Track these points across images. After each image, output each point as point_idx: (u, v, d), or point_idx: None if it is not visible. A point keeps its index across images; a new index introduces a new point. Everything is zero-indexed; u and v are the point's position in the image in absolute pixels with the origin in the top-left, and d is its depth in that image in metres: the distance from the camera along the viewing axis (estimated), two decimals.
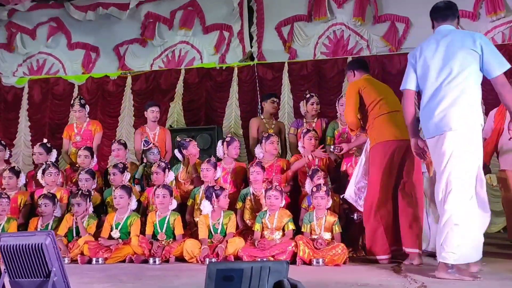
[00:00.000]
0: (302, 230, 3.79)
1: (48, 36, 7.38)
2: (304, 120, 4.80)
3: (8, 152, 5.16)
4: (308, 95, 4.75)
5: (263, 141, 4.40)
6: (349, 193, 3.72)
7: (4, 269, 2.20)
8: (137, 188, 4.61)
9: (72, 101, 5.41)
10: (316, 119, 4.73)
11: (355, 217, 3.98)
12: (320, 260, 3.44)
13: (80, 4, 7.12)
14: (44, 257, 2.17)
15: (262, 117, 4.97)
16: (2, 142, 5.05)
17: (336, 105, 4.61)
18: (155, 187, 4.21)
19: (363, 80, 3.71)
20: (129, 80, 7.06)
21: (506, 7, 5.66)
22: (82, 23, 7.20)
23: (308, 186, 4.00)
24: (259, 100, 6.21)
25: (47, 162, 4.57)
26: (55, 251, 2.20)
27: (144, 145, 4.77)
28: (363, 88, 3.61)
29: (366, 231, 3.56)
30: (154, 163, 4.44)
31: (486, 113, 5.67)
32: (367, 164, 3.65)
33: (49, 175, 4.46)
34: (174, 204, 4.07)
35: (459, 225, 2.71)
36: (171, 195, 4.04)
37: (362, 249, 3.91)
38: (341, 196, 3.85)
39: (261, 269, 0.92)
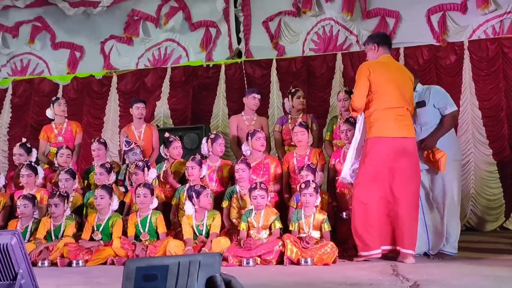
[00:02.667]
0: (290, 228, 3.66)
1: (32, 36, 7.21)
2: (289, 116, 4.67)
3: None
4: (293, 90, 4.63)
5: (249, 137, 4.26)
6: (345, 175, 3.60)
7: None
8: (121, 189, 4.47)
9: (54, 98, 5.29)
10: (301, 114, 4.61)
11: (344, 215, 3.86)
12: (309, 260, 3.31)
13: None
14: (10, 258, 2.02)
15: (242, 114, 4.81)
16: None
17: (336, 99, 4.50)
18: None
19: (376, 63, 3.49)
20: (114, 80, 6.92)
21: (494, 1, 5.60)
22: (67, 22, 7.05)
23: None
24: None
25: (23, 163, 4.43)
26: (22, 252, 2.06)
27: (125, 145, 4.62)
28: (372, 72, 3.40)
29: (353, 226, 3.41)
30: (132, 164, 4.29)
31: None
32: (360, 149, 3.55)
33: (22, 177, 4.34)
34: (155, 203, 3.94)
35: None
36: (152, 194, 3.91)
37: (352, 247, 3.78)
38: (337, 178, 3.72)
39: (190, 264, 0.79)
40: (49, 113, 5.15)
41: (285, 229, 3.73)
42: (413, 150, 3.40)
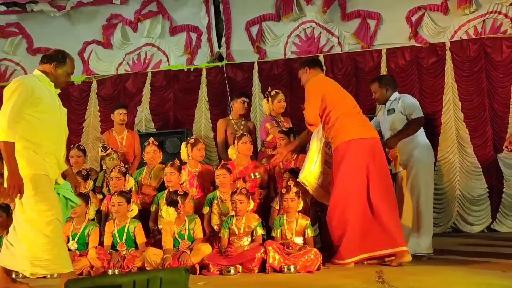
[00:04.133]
0: (272, 234, 3.56)
1: (9, 42, 7.05)
2: (274, 118, 4.57)
3: None
4: (273, 92, 4.48)
5: (236, 141, 4.14)
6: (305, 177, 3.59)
7: None
8: (99, 196, 4.33)
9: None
10: (283, 118, 4.51)
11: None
12: (292, 267, 3.20)
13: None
14: None
15: (230, 117, 4.70)
16: None
17: None
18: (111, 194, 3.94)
19: (320, 78, 3.69)
20: (94, 85, 6.77)
21: (475, 1, 5.61)
22: (44, 27, 6.90)
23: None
24: (229, 101, 5.99)
25: None
26: None
27: (102, 150, 4.48)
28: (326, 86, 3.60)
29: (331, 233, 3.38)
30: (113, 169, 4.14)
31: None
32: (327, 159, 3.60)
33: None
34: (135, 211, 3.81)
35: None
36: (128, 202, 3.77)
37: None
38: (297, 179, 3.64)
39: (148, 283, 0.67)
40: None
41: (269, 234, 3.63)
42: (380, 150, 3.47)
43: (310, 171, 3.57)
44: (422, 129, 3.73)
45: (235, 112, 4.65)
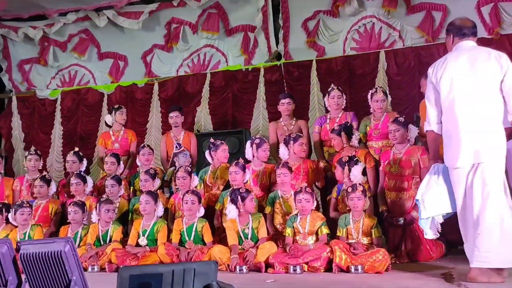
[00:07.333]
0: (338, 234, 3.54)
1: (80, 48, 7.45)
2: (328, 116, 4.52)
3: (41, 162, 5.27)
4: (329, 89, 4.47)
5: (291, 142, 4.15)
6: None
7: (25, 278, 2.13)
8: (165, 191, 4.56)
9: (117, 106, 5.48)
10: (340, 113, 4.44)
11: (395, 221, 3.67)
12: (359, 267, 3.17)
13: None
14: (64, 265, 2.08)
15: (280, 120, 4.74)
16: (38, 152, 5.19)
17: (369, 100, 4.31)
18: (181, 192, 4.09)
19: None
20: (156, 87, 7.02)
21: None
22: (110, 32, 7.23)
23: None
24: None
25: (74, 171, 4.62)
26: (74, 259, 2.11)
27: (176, 147, 4.74)
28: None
29: None
30: (180, 168, 4.30)
31: None
32: None
33: (71, 185, 4.52)
34: (202, 211, 3.93)
35: None
36: (199, 201, 3.91)
37: (406, 255, 3.60)
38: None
39: (184, 272, 0.75)
40: (108, 119, 5.38)
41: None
42: None
43: None
44: None
45: (282, 114, 4.69)
